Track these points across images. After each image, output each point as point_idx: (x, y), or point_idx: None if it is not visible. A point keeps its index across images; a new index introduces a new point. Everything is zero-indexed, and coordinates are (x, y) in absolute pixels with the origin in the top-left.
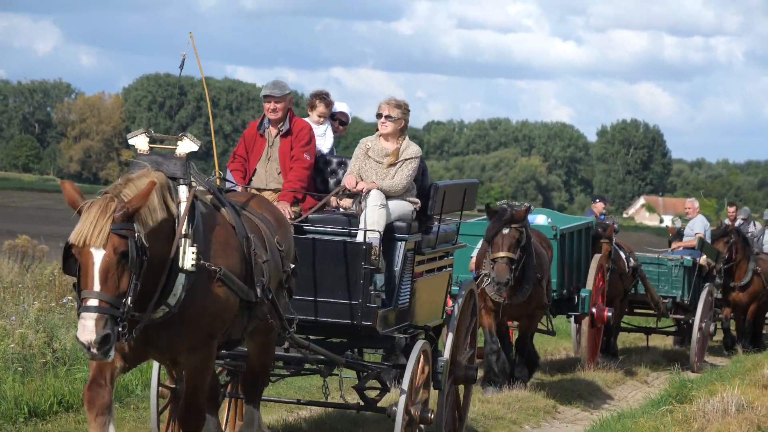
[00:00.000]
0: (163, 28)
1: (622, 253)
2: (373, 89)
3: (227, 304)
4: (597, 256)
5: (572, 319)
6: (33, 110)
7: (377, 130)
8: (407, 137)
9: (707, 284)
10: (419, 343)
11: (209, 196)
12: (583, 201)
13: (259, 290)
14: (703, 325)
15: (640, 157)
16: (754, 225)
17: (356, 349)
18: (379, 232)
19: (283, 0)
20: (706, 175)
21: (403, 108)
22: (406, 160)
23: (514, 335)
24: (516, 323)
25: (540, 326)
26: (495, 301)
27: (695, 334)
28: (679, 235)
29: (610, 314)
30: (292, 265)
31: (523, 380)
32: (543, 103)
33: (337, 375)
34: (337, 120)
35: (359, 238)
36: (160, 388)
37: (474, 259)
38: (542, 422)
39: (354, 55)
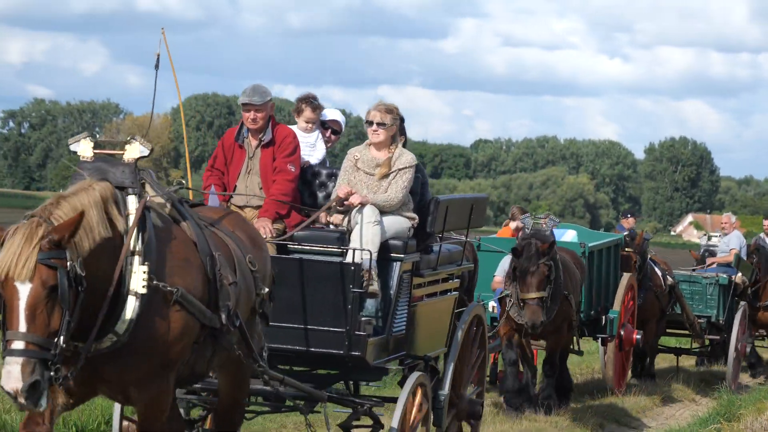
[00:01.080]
0: (209, 48)
1: (658, 270)
2: (420, 107)
3: (186, 331)
4: (627, 275)
5: (600, 341)
6: (82, 130)
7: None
8: (400, 145)
9: (743, 303)
10: (413, 376)
11: (168, 208)
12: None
13: (224, 316)
14: (739, 345)
15: (688, 174)
16: None
17: (351, 382)
18: (371, 251)
19: (328, 18)
20: (754, 192)
21: (395, 113)
22: (400, 170)
23: (539, 358)
24: (542, 342)
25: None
26: (519, 323)
27: (731, 354)
28: (702, 260)
29: (639, 337)
30: (266, 289)
31: (549, 407)
32: (589, 120)
33: (320, 412)
34: (329, 129)
35: (348, 258)
36: (125, 423)
37: (497, 278)
38: None
39: (400, 74)
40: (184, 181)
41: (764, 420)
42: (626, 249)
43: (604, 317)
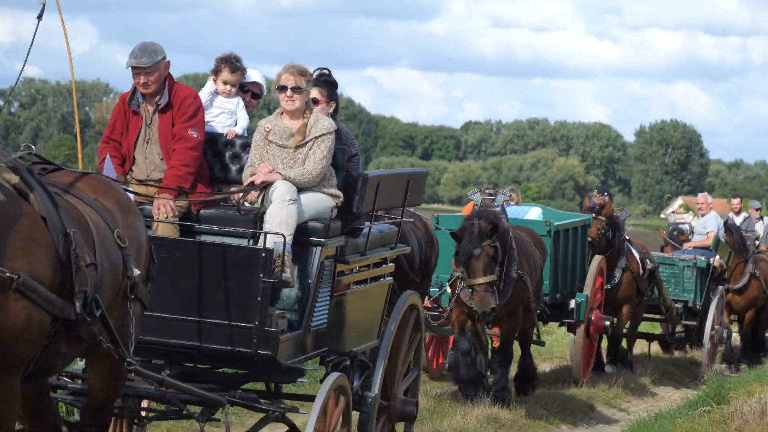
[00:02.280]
0: (198, 28)
1: (635, 253)
2: (409, 89)
3: (29, 324)
4: (597, 258)
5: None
6: (71, 110)
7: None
8: (315, 111)
9: (721, 288)
10: (331, 378)
11: (15, 178)
12: (621, 201)
13: (78, 304)
14: (715, 331)
15: (677, 157)
16: (763, 221)
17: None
18: (284, 235)
19: None
20: (744, 176)
21: (308, 76)
22: (317, 138)
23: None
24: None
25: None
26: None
27: (707, 341)
28: (673, 237)
29: (608, 323)
30: (137, 271)
31: (503, 399)
32: (579, 102)
33: (219, 420)
34: (249, 92)
35: (261, 243)
36: None
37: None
38: (579, 423)
39: (388, 55)
40: (33, 146)
41: (754, 403)
42: (594, 216)
43: (571, 301)
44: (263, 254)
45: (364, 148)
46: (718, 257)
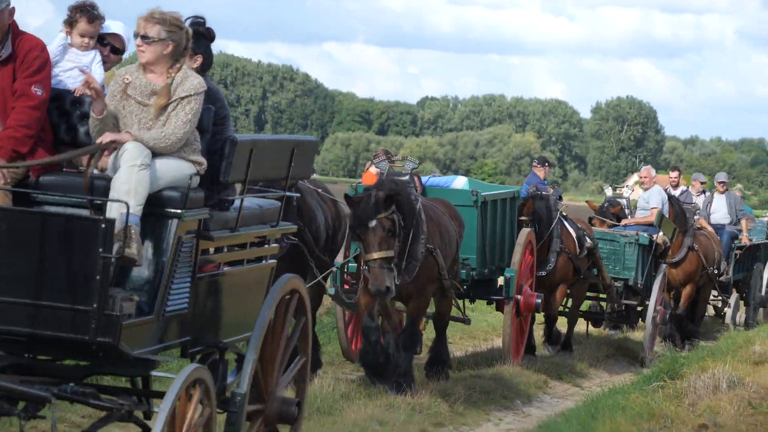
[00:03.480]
0: (155, 2)
1: (572, 231)
2: (366, 65)
3: None
4: (525, 230)
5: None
6: None
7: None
8: (184, 68)
9: (664, 265)
10: (185, 371)
11: None
12: (577, 177)
13: None
14: (657, 311)
15: (633, 134)
16: (705, 194)
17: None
18: (127, 204)
19: None
20: (699, 153)
21: (171, 24)
22: (182, 99)
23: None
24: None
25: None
26: None
27: (649, 321)
28: (602, 212)
29: (539, 301)
30: None
31: (402, 386)
32: (535, 79)
33: (43, 417)
34: (108, 45)
35: (109, 213)
36: None
37: None
38: (533, 397)
39: (345, 30)
40: None
41: (707, 378)
42: (530, 198)
43: (499, 278)
44: (103, 225)
45: (321, 123)
46: (661, 234)
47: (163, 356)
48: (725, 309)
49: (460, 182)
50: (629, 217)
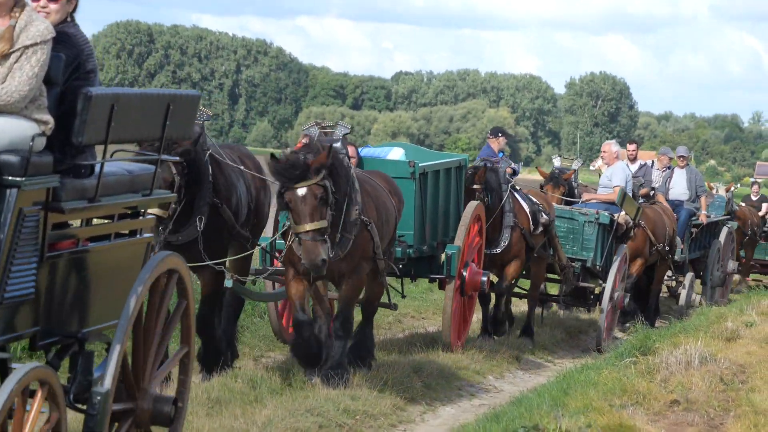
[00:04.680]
0: None
1: (525, 205)
2: (340, 39)
3: None
4: (472, 204)
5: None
6: None
7: None
8: (28, 10)
9: (624, 246)
10: (17, 375)
11: None
12: (551, 152)
13: None
14: (616, 295)
15: (607, 109)
16: (669, 170)
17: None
18: None
19: None
20: (673, 129)
21: None
22: (27, 48)
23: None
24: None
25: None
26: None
27: (606, 304)
28: (553, 178)
29: (485, 279)
30: None
31: (335, 378)
32: (509, 54)
33: None
34: None
35: None
36: None
37: None
38: (505, 373)
39: (319, 4)
40: None
41: (679, 354)
42: (478, 170)
43: (443, 254)
44: None
45: (295, 97)
46: (623, 213)
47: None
48: (679, 289)
49: (396, 153)
50: (579, 183)
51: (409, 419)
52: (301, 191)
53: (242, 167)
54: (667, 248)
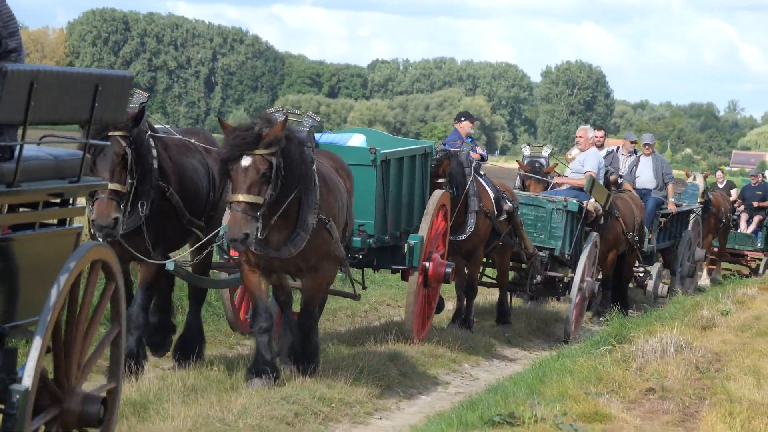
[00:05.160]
0: None
1: (489, 191)
2: (315, 27)
3: None
4: (438, 192)
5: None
6: None
7: None
8: None
9: (594, 234)
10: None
11: None
12: (527, 141)
13: None
14: (585, 284)
15: (583, 97)
16: (635, 155)
17: None
18: None
19: None
20: (649, 117)
21: None
22: None
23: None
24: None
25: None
26: (256, 253)
27: (574, 295)
28: (535, 171)
29: (449, 270)
30: None
31: (310, 368)
32: (485, 42)
33: None
34: None
35: None
36: None
37: None
38: (481, 361)
39: None
40: None
41: (655, 342)
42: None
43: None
44: None
45: (271, 85)
46: (593, 200)
47: None
48: (647, 280)
49: (357, 139)
50: (554, 171)
51: (385, 407)
52: (246, 161)
53: (201, 152)
54: (636, 237)
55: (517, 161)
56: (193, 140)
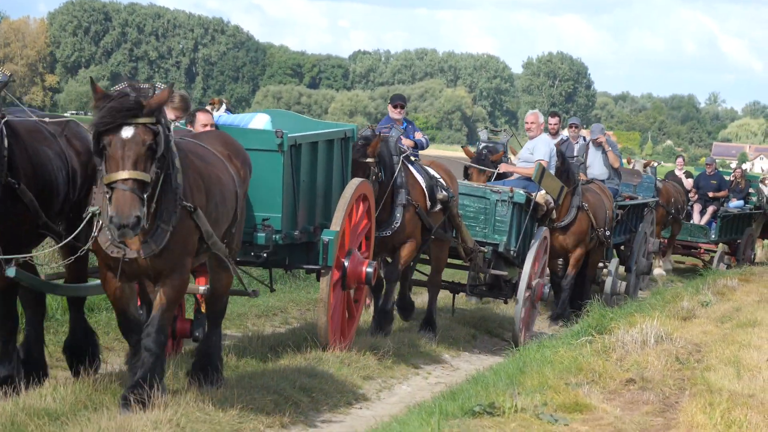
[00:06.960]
0: None
1: (420, 179)
2: (296, 18)
3: None
4: (355, 181)
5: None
6: None
7: None
8: None
9: (543, 229)
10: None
11: None
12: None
13: None
14: (534, 284)
15: (565, 89)
16: (583, 141)
17: None
18: None
19: None
20: (630, 109)
21: None
22: None
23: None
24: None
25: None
26: (115, 257)
27: (521, 295)
28: (480, 160)
29: (371, 270)
30: None
31: (138, 399)
32: (466, 33)
33: None
34: None
35: None
36: None
37: None
38: (462, 351)
39: None
40: None
41: (635, 333)
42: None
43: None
44: None
45: (252, 76)
46: (543, 192)
47: None
48: (602, 276)
49: (260, 120)
50: (510, 160)
51: (366, 397)
52: (127, 132)
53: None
54: (608, 233)
55: (462, 147)
56: (48, 121)
